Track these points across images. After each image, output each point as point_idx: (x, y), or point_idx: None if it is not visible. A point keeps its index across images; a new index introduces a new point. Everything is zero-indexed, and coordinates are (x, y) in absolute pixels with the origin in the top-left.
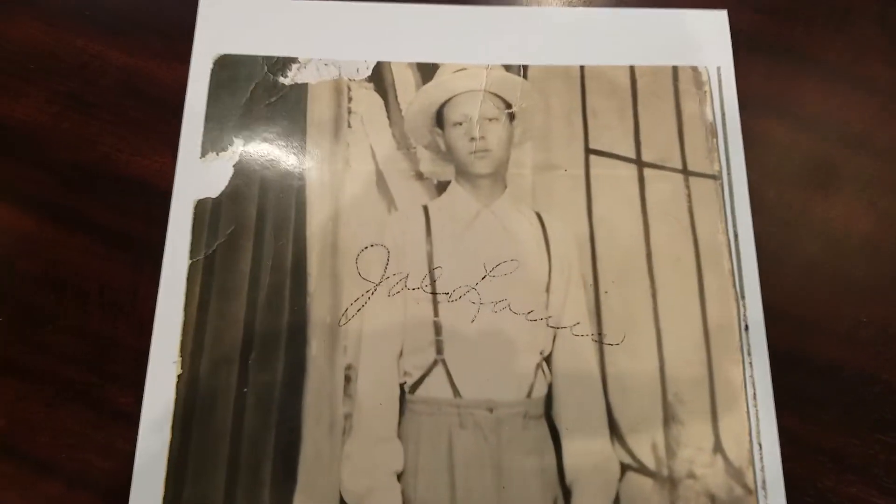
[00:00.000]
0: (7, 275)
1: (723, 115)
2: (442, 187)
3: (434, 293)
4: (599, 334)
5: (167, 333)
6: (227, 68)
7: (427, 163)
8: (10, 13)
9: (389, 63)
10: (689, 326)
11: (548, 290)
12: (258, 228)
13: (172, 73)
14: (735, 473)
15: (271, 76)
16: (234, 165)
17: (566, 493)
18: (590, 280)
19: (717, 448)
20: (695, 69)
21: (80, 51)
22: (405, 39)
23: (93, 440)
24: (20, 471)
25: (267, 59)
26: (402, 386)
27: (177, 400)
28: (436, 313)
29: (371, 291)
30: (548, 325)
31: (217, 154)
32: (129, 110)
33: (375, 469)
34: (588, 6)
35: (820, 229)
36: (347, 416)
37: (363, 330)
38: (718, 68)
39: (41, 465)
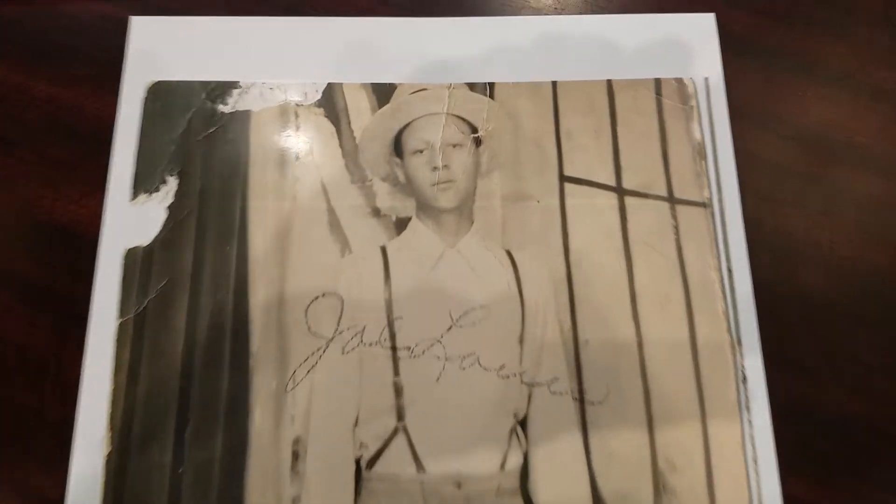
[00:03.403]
0: None
1: (712, 132)
2: (402, 225)
3: (394, 348)
4: (580, 391)
5: (94, 405)
6: (161, 96)
7: (385, 197)
8: None
9: (341, 85)
10: (680, 379)
11: (521, 340)
12: (194, 280)
13: (100, 103)
14: None
15: (210, 103)
16: (167, 207)
17: None
18: (567, 327)
19: None
20: (679, 81)
21: None
22: (357, 57)
23: None
24: None
25: (205, 84)
26: (357, 461)
27: (106, 483)
28: (396, 371)
29: (322, 349)
30: (522, 381)
31: (149, 195)
32: (53, 148)
33: None
34: (559, 13)
35: (824, 261)
36: (296, 500)
37: (313, 395)
38: (706, 79)
39: None
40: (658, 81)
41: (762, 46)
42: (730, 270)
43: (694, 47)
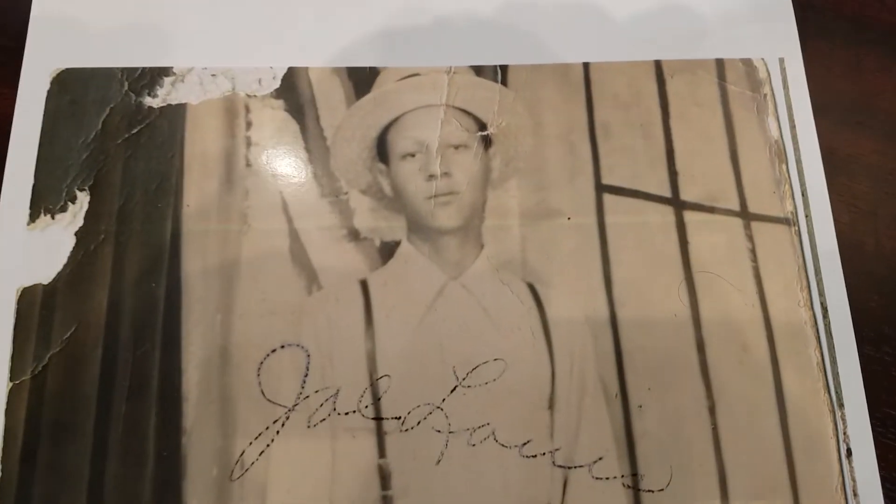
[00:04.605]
0: None
1: (792, 127)
2: (388, 251)
3: (378, 418)
4: (633, 475)
5: None
6: (70, 88)
7: (365, 215)
8: None
9: (306, 69)
10: (766, 455)
11: (551, 406)
12: (110, 329)
13: None
14: None
15: (133, 96)
16: (76, 233)
17: None
18: (614, 388)
19: None
20: (748, 63)
21: None
22: (328, 33)
23: None
24: None
25: (127, 71)
26: None
27: None
28: (381, 452)
29: (281, 421)
30: (554, 463)
31: (52, 217)
32: None
33: None
34: None
35: None
36: None
37: (269, 485)
38: (781, 60)
39: None
40: (720, 63)
41: (850, 19)
42: (824, 307)
43: (764, 20)
